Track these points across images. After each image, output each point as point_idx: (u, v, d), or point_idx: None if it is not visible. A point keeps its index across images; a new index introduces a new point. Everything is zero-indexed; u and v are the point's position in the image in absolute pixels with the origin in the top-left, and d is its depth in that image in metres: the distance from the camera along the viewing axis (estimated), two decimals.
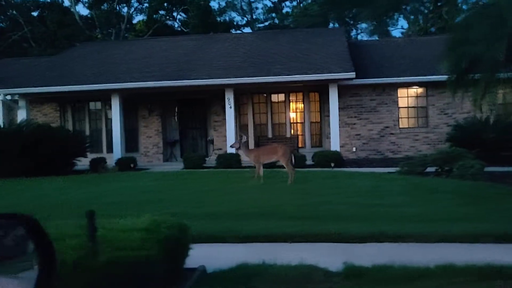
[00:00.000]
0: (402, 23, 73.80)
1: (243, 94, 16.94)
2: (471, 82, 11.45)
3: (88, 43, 24.75)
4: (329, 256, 5.14)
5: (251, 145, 17.20)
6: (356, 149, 16.78)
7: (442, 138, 16.44)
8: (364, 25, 37.75)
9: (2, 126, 15.42)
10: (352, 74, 14.44)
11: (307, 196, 8.30)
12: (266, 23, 44.10)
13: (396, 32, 42.49)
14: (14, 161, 13.01)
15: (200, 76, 15.63)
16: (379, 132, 16.85)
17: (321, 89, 16.63)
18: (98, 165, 15.01)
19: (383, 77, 16.46)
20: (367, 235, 5.94)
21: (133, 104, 17.31)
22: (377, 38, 32.07)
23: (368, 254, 5.21)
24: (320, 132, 17.31)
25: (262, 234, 6.02)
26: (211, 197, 8.40)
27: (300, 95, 17.32)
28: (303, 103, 17.30)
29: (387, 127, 16.85)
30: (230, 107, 15.51)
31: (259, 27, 43.09)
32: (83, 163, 15.27)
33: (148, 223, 4.29)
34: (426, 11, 36.94)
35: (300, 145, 17.15)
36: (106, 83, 15.58)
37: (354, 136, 16.87)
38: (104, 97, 16.99)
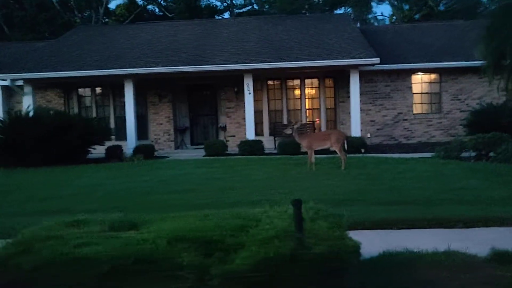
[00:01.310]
0: (381, 10, 73.54)
1: (257, 80, 16.62)
2: (508, 67, 11.55)
3: (84, 27, 23.75)
4: (456, 242, 5.02)
5: (266, 131, 17.01)
6: (370, 135, 16.79)
7: (455, 123, 16.66)
8: (339, 12, 37.84)
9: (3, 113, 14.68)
10: (376, 60, 14.37)
11: (376, 181, 8.16)
12: (245, 9, 43.53)
13: (374, 20, 42.86)
14: (34, 149, 12.38)
15: (217, 61, 15.22)
16: (393, 118, 16.91)
17: (336, 75, 16.53)
18: (114, 153, 14.47)
19: (398, 63, 16.46)
20: (474, 220, 5.89)
21: (142, 91, 16.72)
22: (358, 25, 32.23)
23: (493, 239, 5.13)
24: (334, 118, 17.22)
25: (362, 221, 5.86)
26: (279, 185, 8.05)
27: (315, 81, 17.13)
28: (319, 89, 17.13)
29: (400, 113, 16.92)
30: (250, 93, 15.20)
31: (238, 12, 42.46)
32: (97, 151, 14.72)
33: (312, 213, 4.09)
34: None
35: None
36: (121, 68, 14.96)
37: (368, 122, 16.88)
38: (113, 83, 16.36)
